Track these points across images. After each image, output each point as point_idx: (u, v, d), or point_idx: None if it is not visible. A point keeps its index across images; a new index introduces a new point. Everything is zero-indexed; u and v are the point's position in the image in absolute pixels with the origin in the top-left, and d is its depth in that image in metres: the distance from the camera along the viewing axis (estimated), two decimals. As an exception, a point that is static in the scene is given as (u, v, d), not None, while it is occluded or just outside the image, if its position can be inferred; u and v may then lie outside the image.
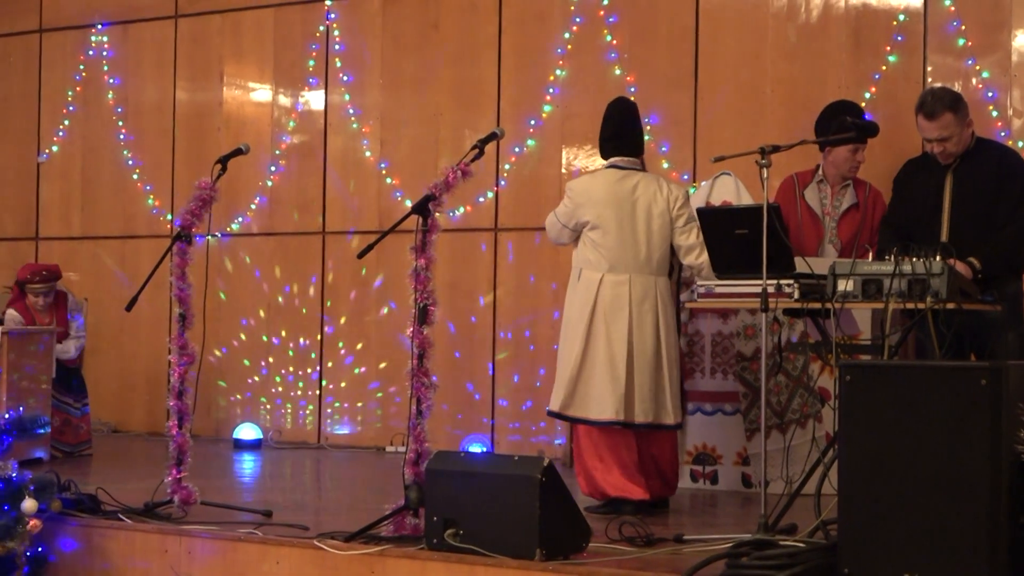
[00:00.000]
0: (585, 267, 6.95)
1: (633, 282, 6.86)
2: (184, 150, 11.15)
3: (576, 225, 6.96)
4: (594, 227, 6.90)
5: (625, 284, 6.86)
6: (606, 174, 7.02)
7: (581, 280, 6.95)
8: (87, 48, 11.58)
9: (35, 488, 6.15)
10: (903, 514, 4.80)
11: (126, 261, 11.28)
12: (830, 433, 6.67)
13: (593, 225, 6.90)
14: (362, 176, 10.36)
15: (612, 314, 6.83)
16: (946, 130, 6.48)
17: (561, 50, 9.63)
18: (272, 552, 5.90)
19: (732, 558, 5.19)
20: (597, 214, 6.89)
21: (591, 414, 6.83)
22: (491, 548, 5.40)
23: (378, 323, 10.23)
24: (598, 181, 7.01)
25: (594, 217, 6.89)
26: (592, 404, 6.81)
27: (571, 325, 6.94)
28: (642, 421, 6.80)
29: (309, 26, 10.67)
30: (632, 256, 6.89)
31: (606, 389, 6.77)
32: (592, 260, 6.92)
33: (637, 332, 6.83)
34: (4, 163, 11.96)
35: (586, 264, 6.95)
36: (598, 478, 6.86)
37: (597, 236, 6.90)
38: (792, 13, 8.91)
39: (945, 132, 6.48)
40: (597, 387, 6.80)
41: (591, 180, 7.07)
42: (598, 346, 6.82)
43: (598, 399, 6.79)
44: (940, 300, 5.59)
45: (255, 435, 10.27)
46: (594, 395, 6.80)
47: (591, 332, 6.85)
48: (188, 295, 6.65)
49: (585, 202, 6.92)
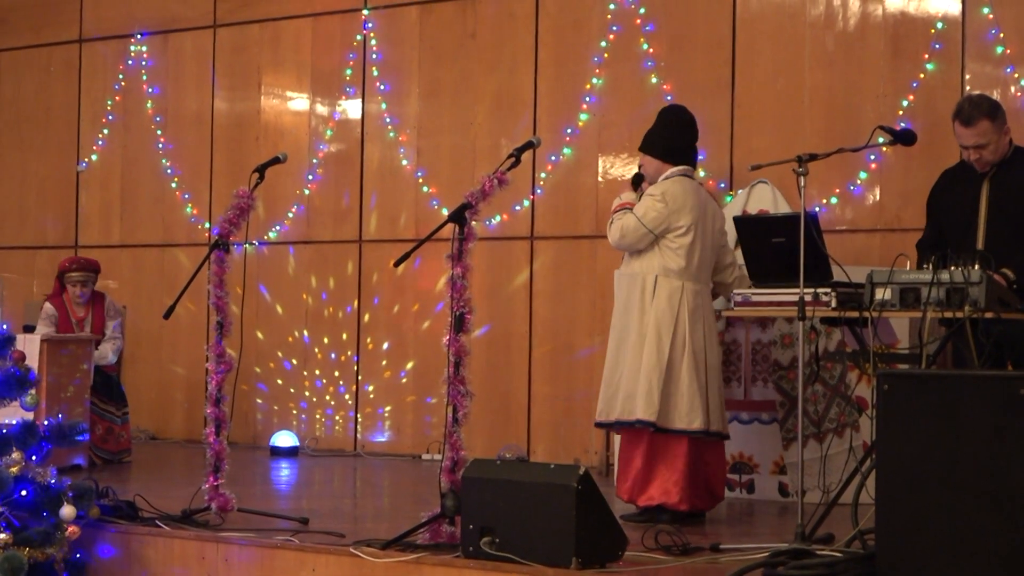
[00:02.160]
0: (662, 274, 6.85)
1: (703, 292, 6.92)
2: (222, 159, 11.21)
3: (666, 230, 6.84)
4: (685, 233, 6.83)
5: (703, 294, 6.90)
6: (690, 182, 6.96)
7: (660, 288, 6.84)
8: (127, 58, 11.66)
9: (74, 495, 6.19)
10: (941, 524, 4.78)
11: (164, 269, 11.34)
12: (867, 442, 6.65)
13: (685, 231, 6.83)
14: (399, 185, 10.39)
15: (692, 324, 6.81)
16: (983, 137, 6.41)
17: (598, 59, 9.63)
18: (309, 559, 5.92)
19: (769, 567, 5.18)
20: (692, 220, 6.84)
21: (679, 424, 6.77)
22: (527, 556, 5.40)
23: (415, 331, 10.24)
24: (687, 188, 6.90)
25: (689, 223, 6.83)
26: (680, 414, 6.76)
27: (652, 334, 6.82)
28: (715, 429, 6.82)
29: (347, 35, 10.70)
30: (705, 266, 6.94)
31: (695, 398, 6.75)
32: (674, 268, 6.84)
33: (710, 342, 6.87)
34: (44, 172, 12.05)
35: (664, 272, 6.85)
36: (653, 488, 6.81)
37: (686, 242, 6.83)
38: (830, 21, 8.88)
39: (982, 139, 6.41)
40: (686, 397, 6.76)
41: (683, 185, 6.91)
42: (684, 355, 6.79)
43: (687, 409, 6.75)
44: (978, 309, 5.56)
45: (292, 442, 10.30)
46: (683, 405, 6.76)
47: (675, 341, 6.80)
48: (226, 303, 6.69)
49: (681, 207, 6.83)
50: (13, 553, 5.91)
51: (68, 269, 9.40)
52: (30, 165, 12.13)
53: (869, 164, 8.63)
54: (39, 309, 9.59)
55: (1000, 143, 6.46)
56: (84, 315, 9.37)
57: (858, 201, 8.71)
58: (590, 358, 9.46)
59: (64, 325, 9.33)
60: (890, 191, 8.62)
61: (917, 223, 7.92)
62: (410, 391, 10.27)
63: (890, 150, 8.36)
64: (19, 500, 6.05)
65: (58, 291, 9.45)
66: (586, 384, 9.45)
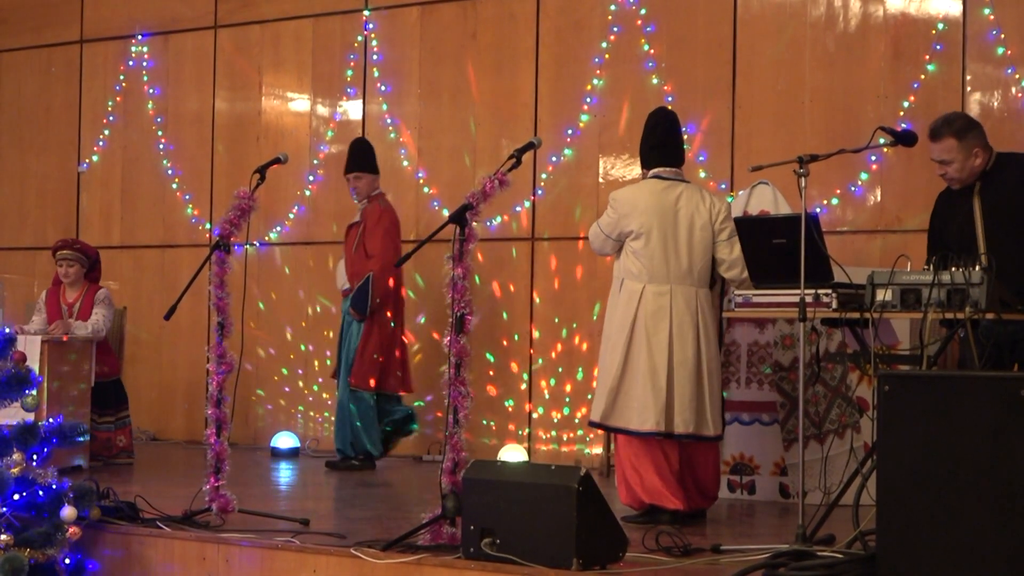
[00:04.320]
0: (627, 278, 6.94)
1: (675, 293, 6.86)
2: (223, 160, 11.21)
3: (620, 235, 6.95)
4: (637, 237, 6.89)
5: (667, 295, 6.85)
6: (650, 184, 7.01)
7: (623, 291, 6.94)
8: (127, 58, 11.66)
9: (75, 496, 6.18)
10: (942, 525, 4.78)
11: (165, 270, 11.34)
12: (868, 443, 6.64)
13: (637, 235, 6.89)
14: (400, 186, 10.39)
15: (654, 325, 6.82)
16: (947, 154, 6.44)
17: (599, 60, 9.63)
18: (309, 560, 5.92)
19: (769, 568, 5.18)
20: (641, 224, 6.88)
21: (632, 424, 6.82)
22: (528, 557, 5.40)
23: (416, 331, 10.23)
24: (643, 191, 6.99)
25: (638, 227, 6.88)
26: (633, 414, 6.80)
27: (612, 336, 6.94)
28: (682, 432, 6.79)
29: (348, 36, 10.71)
30: (674, 267, 6.88)
31: (647, 399, 6.76)
32: (634, 271, 6.91)
33: (678, 343, 6.82)
34: (45, 173, 12.06)
35: (628, 275, 6.94)
36: (636, 488, 6.85)
37: (640, 246, 6.89)
38: (830, 22, 8.89)
39: (946, 156, 6.45)
40: (638, 397, 6.79)
41: (635, 190, 7.05)
42: (639, 357, 6.81)
43: (639, 409, 6.78)
44: (979, 310, 5.56)
45: (292, 444, 10.30)
46: (635, 406, 6.79)
47: (632, 342, 6.84)
48: (227, 304, 6.68)
49: (630, 212, 6.91)
50: (14, 554, 5.91)
51: (58, 247, 9.49)
52: (31, 166, 12.14)
53: (870, 165, 8.64)
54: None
55: (967, 164, 6.45)
56: (75, 300, 9.36)
57: (859, 202, 8.71)
58: (590, 359, 9.46)
59: (53, 309, 9.31)
60: (891, 192, 8.63)
61: (918, 224, 7.96)
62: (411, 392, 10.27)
63: (891, 151, 8.36)
64: (20, 501, 6.05)
65: (57, 279, 9.50)
66: (586, 385, 9.46)
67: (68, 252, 9.44)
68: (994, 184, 6.49)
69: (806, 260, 5.78)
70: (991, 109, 8.33)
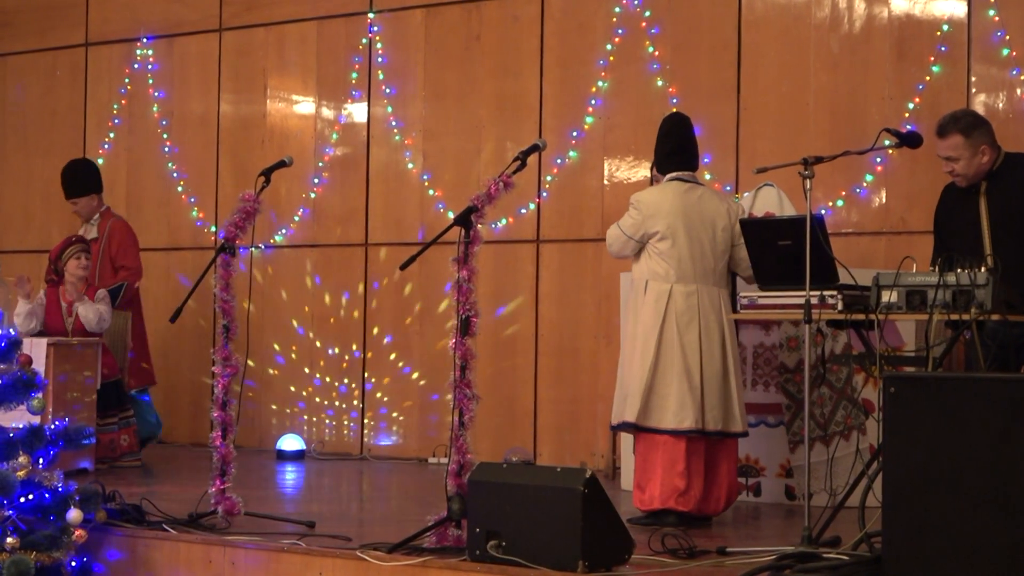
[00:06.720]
0: (652, 279, 6.97)
1: (701, 292, 6.92)
2: (228, 162, 11.22)
3: (643, 237, 6.97)
4: (663, 238, 6.92)
5: (695, 295, 6.91)
6: (673, 186, 7.04)
7: (649, 291, 6.96)
8: (132, 61, 11.67)
9: (80, 498, 6.19)
10: (948, 527, 4.78)
11: (170, 273, 11.35)
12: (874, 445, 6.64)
13: (662, 236, 6.92)
14: (404, 188, 10.39)
15: (684, 324, 6.87)
16: (953, 151, 6.47)
17: (603, 62, 9.63)
18: (315, 563, 5.92)
19: (775, 571, 5.18)
20: (667, 225, 6.92)
21: (667, 423, 6.83)
22: (533, 560, 5.40)
23: (421, 334, 10.24)
24: (667, 193, 7.02)
25: (664, 228, 6.92)
26: (668, 414, 6.82)
27: (640, 336, 6.95)
28: (712, 428, 6.84)
29: (352, 39, 10.71)
30: (700, 267, 6.94)
31: (685, 398, 6.80)
32: (660, 272, 6.94)
33: (706, 342, 6.88)
34: (50, 175, 12.02)
35: (652, 276, 6.97)
36: (653, 490, 6.83)
37: (666, 247, 6.92)
38: (835, 24, 8.88)
39: (952, 153, 6.48)
40: (674, 396, 6.82)
41: (659, 192, 7.08)
42: (672, 356, 6.85)
43: (675, 409, 6.81)
44: (985, 311, 5.56)
45: (298, 446, 10.30)
46: (670, 405, 6.82)
47: (662, 342, 6.87)
48: (232, 306, 6.69)
49: (654, 213, 6.94)
50: (20, 557, 5.92)
51: (68, 243, 9.32)
52: (36, 169, 12.14)
53: (875, 167, 8.64)
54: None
55: (973, 161, 6.49)
56: (78, 294, 9.17)
57: (864, 204, 8.71)
58: (595, 361, 9.46)
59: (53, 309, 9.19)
60: (896, 194, 8.62)
61: (923, 226, 7.95)
62: (416, 394, 10.27)
63: (896, 153, 8.36)
64: (26, 504, 6.06)
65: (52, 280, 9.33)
66: (591, 387, 9.46)
67: (81, 244, 9.36)
68: (1001, 185, 6.49)
69: (811, 262, 5.79)
70: (996, 110, 8.32)
